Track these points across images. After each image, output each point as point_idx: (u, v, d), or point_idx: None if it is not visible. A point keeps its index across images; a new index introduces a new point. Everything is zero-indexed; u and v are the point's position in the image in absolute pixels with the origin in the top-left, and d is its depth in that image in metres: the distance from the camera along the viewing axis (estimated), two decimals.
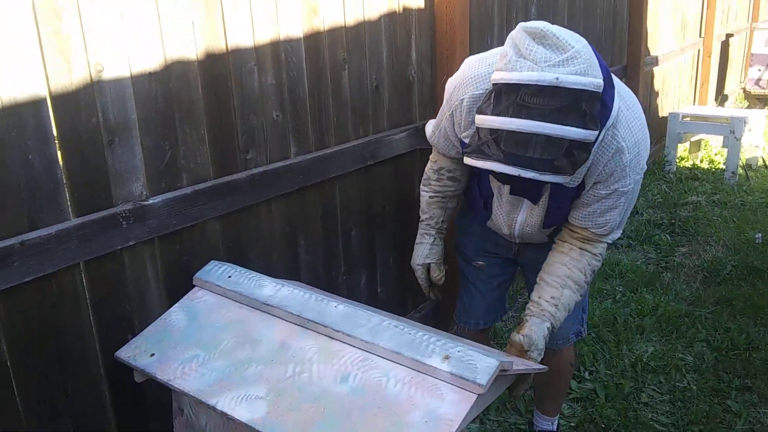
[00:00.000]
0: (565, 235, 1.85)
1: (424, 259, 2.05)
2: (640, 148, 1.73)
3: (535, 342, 1.75)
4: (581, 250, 1.82)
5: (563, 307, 1.81)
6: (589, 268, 1.83)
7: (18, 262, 1.42)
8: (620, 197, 1.75)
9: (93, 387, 1.67)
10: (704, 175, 5.97)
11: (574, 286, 1.82)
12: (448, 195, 2.02)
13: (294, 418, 1.39)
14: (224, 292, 1.73)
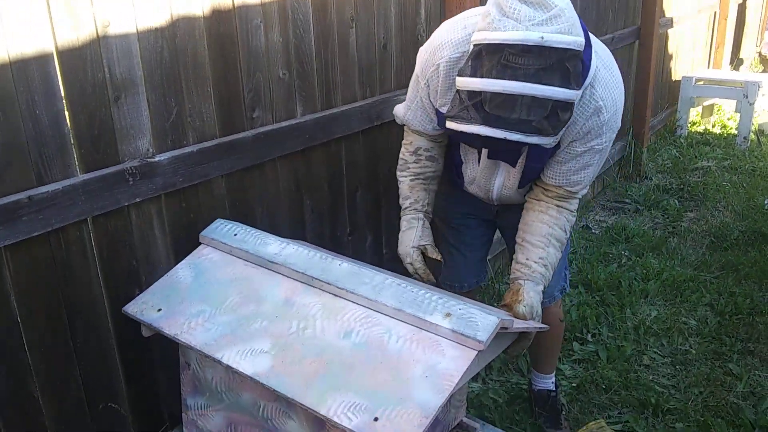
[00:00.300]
0: (539, 194, 1.85)
1: (418, 242, 1.95)
2: (618, 106, 1.74)
3: (536, 308, 1.77)
4: (558, 208, 1.83)
5: (551, 266, 1.83)
6: (568, 224, 1.85)
7: (26, 216, 1.43)
8: (595, 155, 1.75)
9: (101, 340, 1.70)
10: (716, 140, 5.92)
11: (557, 244, 1.83)
12: (428, 176, 1.97)
13: (297, 371, 1.41)
14: (230, 250, 1.75)
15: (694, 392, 2.58)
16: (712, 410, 2.48)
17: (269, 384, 1.41)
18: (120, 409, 1.78)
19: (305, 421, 1.49)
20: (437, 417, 1.69)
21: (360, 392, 1.34)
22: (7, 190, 1.42)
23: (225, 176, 1.90)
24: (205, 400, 1.70)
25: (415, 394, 1.31)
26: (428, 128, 1.90)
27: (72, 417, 1.67)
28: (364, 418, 1.29)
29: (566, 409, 2.49)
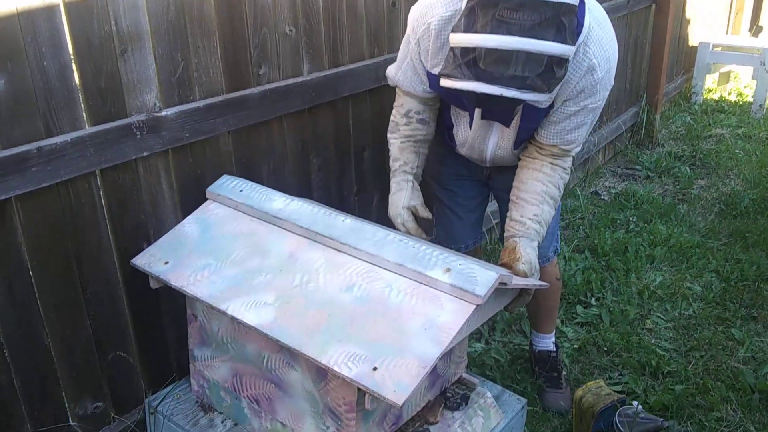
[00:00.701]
0: (533, 152, 1.85)
1: (408, 202, 1.94)
2: (611, 64, 1.72)
3: (534, 264, 1.78)
4: (552, 166, 1.83)
5: (545, 223, 1.83)
6: (561, 182, 1.85)
7: (35, 167, 1.46)
8: (588, 114, 1.76)
9: (111, 292, 1.74)
10: (731, 108, 5.84)
11: (551, 201, 1.84)
12: (419, 139, 1.97)
13: (300, 323, 1.45)
14: (236, 205, 1.77)
15: (695, 356, 2.60)
16: (712, 374, 2.51)
17: (272, 334, 1.44)
18: (129, 358, 1.83)
19: (308, 371, 1.53)
20: (437, 371, 1.73)
21: (360, 343, 1.37)
22: (16, 140, 1.44)
23: (231, 133, 1.91)
24: (212, 351, 1.75)
25: (414, 345, 1.34)
26: (419, 90, 1.89)
27: (82, 365, 1.72)
28: (363, 368, 1.32)
29: (567, 370, 2.53)
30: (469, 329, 1.50)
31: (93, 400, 1.77)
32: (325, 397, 1.51)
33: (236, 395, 1.73)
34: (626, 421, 1.97)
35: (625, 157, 4.76)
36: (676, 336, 2.75)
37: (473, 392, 1.82)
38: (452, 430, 1.71)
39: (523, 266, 1.74)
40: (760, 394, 2.38)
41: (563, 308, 2.90)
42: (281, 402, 1.63)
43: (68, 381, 1.70)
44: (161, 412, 1.82)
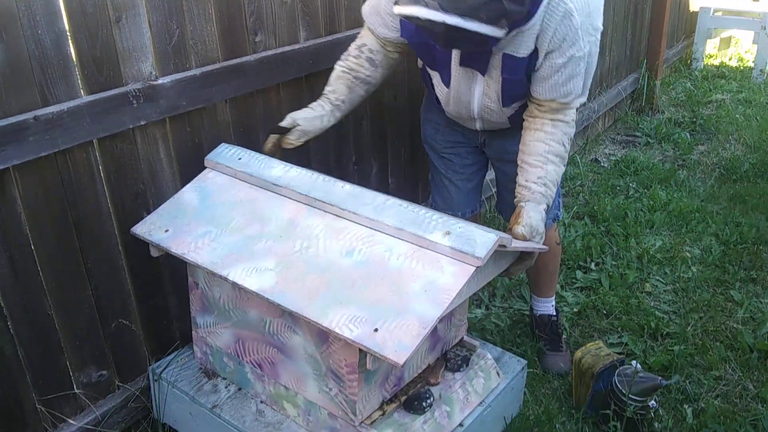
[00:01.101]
0: (534, 111, 1.84)
1: (296, 115, 1.86)
2: (591, 8, 1.70)
3: (536, 227, 1.76)
4: (553, 122, 1.81)
5: (552, 183, 1.81)
6: (565, 137, 1.82)
7: (33, 136, 1.46)
8: (578, 63, 1.73)
9: (112, 261, 1.76)
10: (731, 73, 5.81)
11: (556, 159, 1.81)
12: (359, 77, 1.92)
13: (301, 287, 1.46)
14: (234, 173, 1.77)
15: (694, 317, 2.62)
16: (711, 334, 2.53)
17: (273, 299, 1.45)
18: (132, 326, 1.85)
19: (309, 336, 1.55)
20: (438, 333, 1.75)
21: (361, 306, 1.38)
22: (12, 110, 1.44)
23: (229, 101, 1.90)
24: (214, 318, 1.76)
25: (414, 307, 1.35)
26: (378, 29, 1.88)
27: (86, 335, 1.74)
28: (364, 330, 1.34)
29: (567, 333, 2.55)
30: (469, 292, 1.51)
31: (97, 369, 1.80)
32: (327, 359, 1.53)
33: (239, 360, 1.76)
34: (625, 380, 1.99)
35: (625, 124, 4.75)
36: (675, 298, 2.76)
37: (474, 354, 1.84)
38: (453, 390, 1.73)
39: (522, 229, 1.74)
40: (759, 353, 2.41)
41: (563, 273, 2.92)
42: (284, 366, 1.65)
43: (72, 350, 1.72)
44: (165, 379, 1.84)
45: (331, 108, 1.92)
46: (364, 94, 1.98)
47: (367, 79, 1.95)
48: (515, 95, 1.87)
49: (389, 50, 1.94)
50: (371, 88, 1.98)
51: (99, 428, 1.79)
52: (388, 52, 1.94)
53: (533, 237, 1.76)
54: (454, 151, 2.22)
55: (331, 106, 1.92)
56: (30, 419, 1.68)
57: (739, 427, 2.09)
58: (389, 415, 1.62)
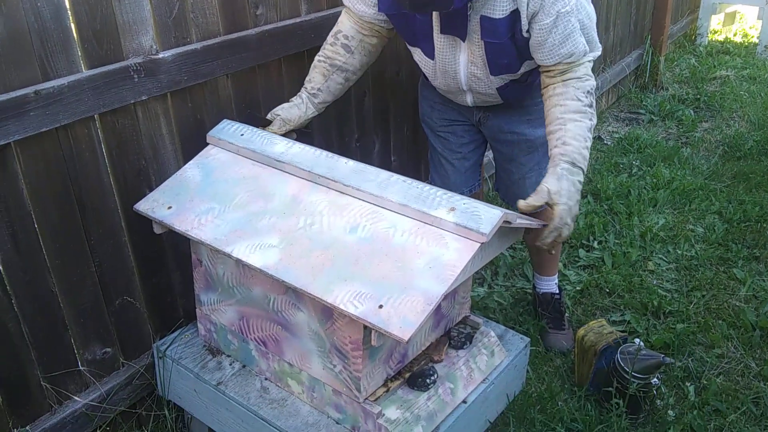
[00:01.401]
0: (545, 80, 1.78)
1: (275, 109, 1.87)
2: None
3: (549, 190, 1.58)
4: (564, 82, 1.73)
5: (574, 138, 1.65)
6: (579, 91, 1.72)
7: (33, 111, 1.44)
8: (568, 19, 1.67)
9: (115, 238, 1.75)
10: (736, 49, 5.75)
11: (576, 116, 1.69)
12: (335, 64, 1.90)
13: (305, 263, 1.45)
14: (237, 150, 1.76)
15: (697, 296, 2.62)
16: (713, 312, 2.53)
17: (277, 275, 1.45)
18: (136, 303, 1.84)
19: (313, 312, 1.55)
20: (442, 311, 1.74)
21: (365, 282, 1.38)
22: (13, 84, 1.42)
23: (230, 76, 1.88)
24: (218, 295, 1.76)
25: (419, 283, 1.35)
26: (356, 5, 1.85)
27: (90, 312, 1.74)
28: (369, 306, 1.33)
29: (570, 312, 2.56)
30: (473, 268, 1.50)
31: (101, 346, 1.80)
32: (332, 336, 1.53)
33: (243, 338, 1.75)
34: (628, 357, 1.99)
35: (629, 101, 4.71)
36: (678, 277, 2.76)
37: (477, 332, 1.83)
38: (457, 367, 1.73)
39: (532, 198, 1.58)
40: (761, 331, 2.41)
41: (566, 252, 2.91)
42: (288, 343, 1.65)
43: (76, 327, 1.72)
44: (170, 357, 1.84)
45: (307, 96, 1.90)
46: (343, 81, 1.94)
47: (343, 66, 1.91)
48: (502, 64, 1.82)
49: (365, 34, 1.90)
50: (350, 76, 1.94)
51: (104, 405, 1.80)
52: (365, 36, 1.90)
53: (554, 200, 1.58)
54: (449, 129, 2.20)
55: (306, 94, 1.91)
56: (35, 396, 1.68)
57: (741, 404, 2.10)
58: (393, 392, 1.62)
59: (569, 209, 1.59)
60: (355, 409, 1.57)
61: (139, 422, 1.96)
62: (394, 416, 1.56)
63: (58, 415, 1.72)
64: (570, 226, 1.61)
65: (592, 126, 1.70)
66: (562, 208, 1.58)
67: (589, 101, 1.71)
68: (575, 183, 1.62)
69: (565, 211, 1.58)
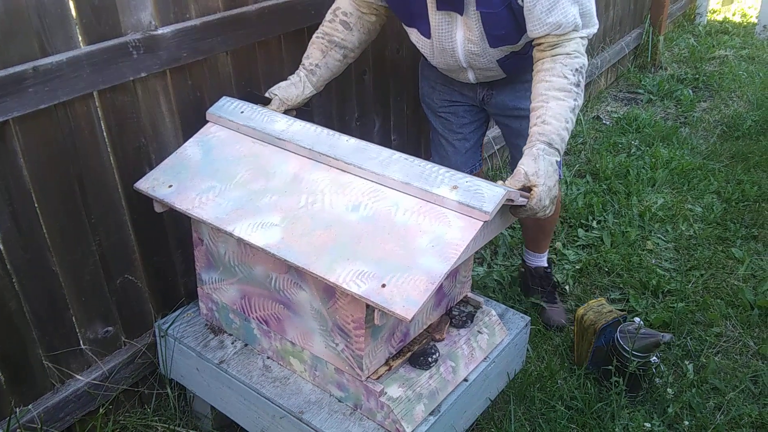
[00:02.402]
0: (536, 53, 1.72)
1: (272, 89, 1.85)
2: None
3: (524, 172, 1.55)
4: (552, 58, 1.67)
5: (554, 118, 1.61)
6: (567, 68, 1.65)
7: (32, 87, 1.42)
8: None
9: (115, 217, 1.74)
10: (735, 29, 5.72)
11: (560, 94, 1.63)
12: (334, 40, 1.88)
13: (307, 242, 1.45)
14: (237, 127, 1.74)
15: (695, 275, 2.63)
16: (712, 291, 2.54)
17: (279, 254, 1.44)
18: (138, 282, 1.84)
19: (316, 291, 1.54)
20: (443, 290, 1.74)
21: (368, 261, 1.37)
22: (11, 60, 1.40)
23: (230, 53, 1.86)
24: (219, 274, 1.75)
25: (422, 262, 1.34)
26: None
27: (91, 291, 1.73)
28: (372, 285, 1.33)
29: (570, 288, 2.56)
30: (475, 247, 1.50)
31: (103, 324, 1.80)
32: (334, 315, 1.53)
33: (245, 317, 1.75)
34: (628, 336, 2.00)
35: (628, 81, 4.69)
36: (677, 256, 2.77)
37: (478, 310, 1.84)
38: (458, 346, 1.74)
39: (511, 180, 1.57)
40: (759, 310, 2.42)
41: (564, 231, 2.92)
42: (290, 322, 1.65)
43: (77, 306, 1.71)
44: (171, 335, 1.84)
45: (305, 73, 1.88)
46: (341, 58, 1.92)
47: (342, 43, 1.89)
48: (499, 35, 1.78)
49: (364, 12, 1.89)
50: (348, 53, 1.93)
51: (106, 384, 1.80)
52: (363, 14, 1.89)
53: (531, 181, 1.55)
54: (451, 110, 2.19)
55: (304, 71, 1.89)
56: (37, 375, 1.68)
57: (740, 383, 2.12)
58: (395, 370, 1.63)
59: (549, 190, 1.56)
60: (358, 387, 1.58)
61: (141, 401, 1.96)
62: (396, 394, 1.57)
63: (60, 394, 1.72)
64: (548, 207, 1.57)
65: (577, 106, 1.65)
66: (542, 190, 1.54)
67: (576, 80, 1.66)
68: (552, 163, 1.58)
69: (545, 192, 1.55)
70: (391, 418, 1.54)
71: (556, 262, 2.73)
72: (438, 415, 1.61)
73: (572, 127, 1.64)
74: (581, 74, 1.67)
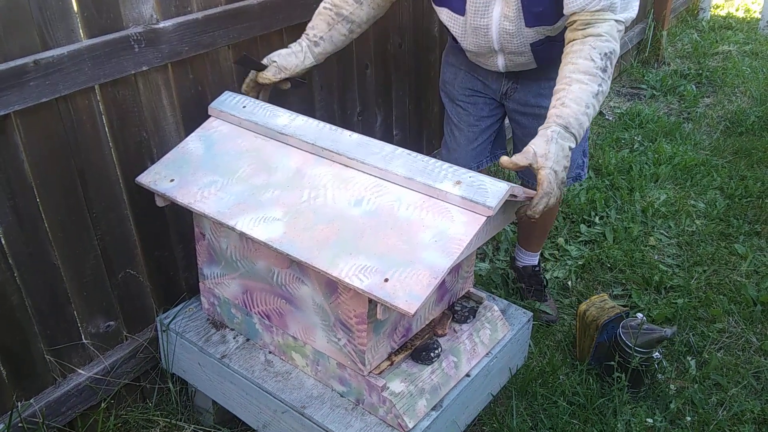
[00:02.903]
0: (568, 36, 1.64)
1: (272, 55, 1.80)
2: None
3: (535, 151, 1.47)
4: (583, 38, 1.59)
5: (574, 101, 1.53)
6: (595, 51, 1.56)
7: (33, 81, 1.42)
8: None
9: (117, 211, 1.73)
10: (738, 25, 5.70)
11: (584, 77, 1.55)
12: (342, 13, 1.83)
13: (310, 237, 1.44)
14: (239, 122, 1.73)
15: (698, 271, 2.62)
16: (714, 287, 2.54)
17: (282, 249, 1.44)
18: (139, 277, 1.83)
19: (318, 286, 1.54)
20: (446, 285, 1.74)
21: (370, 256, 1.37)
22: (12, 53, 1.39)
23: (232, 47, 1.85)
24: (221, 269, 1.75)
25: (425, 257, 1.34)
26: None
27: (92, 285, 1.73)
28: (375, 279, 1.32)
29: (572, 284, 2.56)
30: (478, 242, 1.49)
31: (105, 319, 1.79)
32: (336, 310, 1.53)
33: (247, 311, 1.75)
34: (631, 332, 2.00)
35: (631, 76, 4.68)
36: (679, 252, 2.76)
37: (481, 306, 1.83)
38: (460, 342, 1.74)
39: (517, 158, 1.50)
40: (762, 306, 2.42)
41: (567, 227, 2.91)
42: (292, 316, 1.64)
43: (79, 300, 1.71)
44: (173, 330, 1.84)
45: (308, 44, 1.83)
46: (347, 33, 1.87)
47: (350, 17, 1.85)
48: (537, 12, 1.72)
49: None
50: (355, 28, 1.88)
51: (108, 378, 1.80)
52: None
53: (540, 162, 1.47)
54: (470, 100, 2.14)
55: (307, 41, 1.83)
56: (39, 369, 1.68)
57: (742, 379, 2.12)
58: (397, 365, 1.63)
59: (555, 175, 1.47)
60: (360, 382, 1.58)
61: (143, 395, 1.96)
62: (399, 389, 1.57)
63: (62, 388, 1.72)
64: (557, 193, 1.49)
65: (601, 92, 1.56)
66: (547, 173, 1.46)
67: (603, 64, 1.57)
68: (564, 148, 1.50)
69: (552, 176, 1.46)
70: (393, 413, 1.53)
71: (559, 258, 2.72)
72: (440, 410, 1.61)
73: (594, 114, 1.57)
74: (610, 60, 1.59)
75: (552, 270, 2.64)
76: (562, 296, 2.53)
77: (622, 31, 1.63)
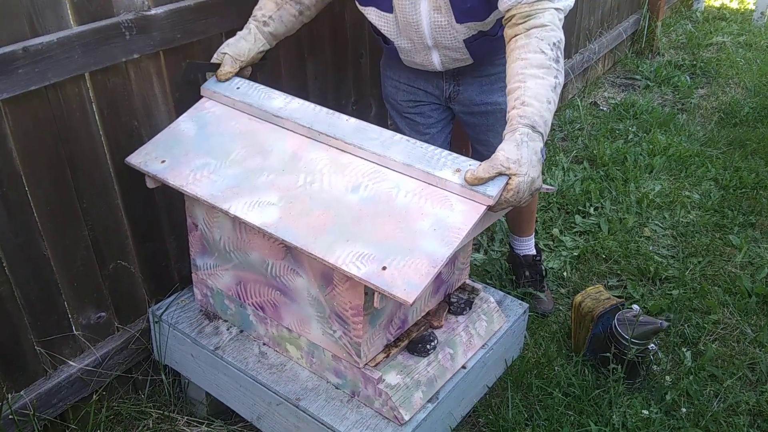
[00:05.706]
0: (508, 33, 1.57)
1: (222, 48, 1.72)
2: None
3: (505, 158, 1.37)
4: (527, 32, 1.52)
5: (535, 98, 1.44)
6: (543, 42, 1.49)
7: (22, 69, 1.38)
8: None
9: (108, 201, 1.70)
10: (732, 16, 5.70)
11: (539, 72, 1.47)
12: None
13: (305, 222, 1.41)
14: (233, 104, 1.70)
15: (693, 262, 2.62)
16: (709, 279, 2.53)
17: (277, 234, 1.41)
18: (131, 267, 1.81)
19: (313, 278, 1.52)
20: (442, 277, 1.72)
21: (368, 243, 1.35)
22: (0, 40, 1.36)
23: (225, 34, 1.82)
24: (214, 260, 1.72)
25: (423, 245, 1.32)
26: None
27: (83, 275, 1.70)
28: (372, 267, 1.30)
29: (567, 275, 2.55)
30: (475, 232, 1.47)
31: (96, 310, 1.77)
32: (331, 301, 1.51)
33: (241, 303, 1.73)
34: (627, 323, 1.99)
35: (625, 66, 4.66)
36: (674, 243, 2.76)
37: (477, 297, 1.82)
38: (456, 333, 1.72)
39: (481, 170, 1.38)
40: (757, 298, 2.41)
41: (561, 218, 2.90)
42: (287, 308, 1.62)
43: (70, 291, 1.68)
44: (166, 321, 1.82)
45: (256, 24, 1.75)
46: (296, 14, 1.79)
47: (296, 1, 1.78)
48: (466, 8, 1.69)
49: None
50: (304, 10, 1.80)
51: (99, 370, 1.78)
52: None
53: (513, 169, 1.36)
54: (416, 110, 2.11)
55: (255, 23, 1.75)
56: (29, 361, 1.65)
57: (737, 370, 2.11)
58: (393, 357, 1.61)
59: (532, 181, 1.38)
60: (355, 374, 1.56)
61: (136, 387, 1.94)
62: (394, 381, 1.55)
63: (53, 380, 1.70)
64: (527, 200, 1.41)
65: (558, 84, 1.49)
66: (521, 180, 1.36)
67: (555, 55, 1.50)
68: (537, 151, 1.41)
69: (526, 183, 1.37)
70: (389, 405, 1.52)
71: (553, 248, 2.71)
72: (436, 403, 1.59)
73: (555, 108, 1.48)
74: (560, 49, 1.52)
75: (547, 261, 2.63)
76: (559, 286, 2.52)
77: (562, 20, 1.57)
